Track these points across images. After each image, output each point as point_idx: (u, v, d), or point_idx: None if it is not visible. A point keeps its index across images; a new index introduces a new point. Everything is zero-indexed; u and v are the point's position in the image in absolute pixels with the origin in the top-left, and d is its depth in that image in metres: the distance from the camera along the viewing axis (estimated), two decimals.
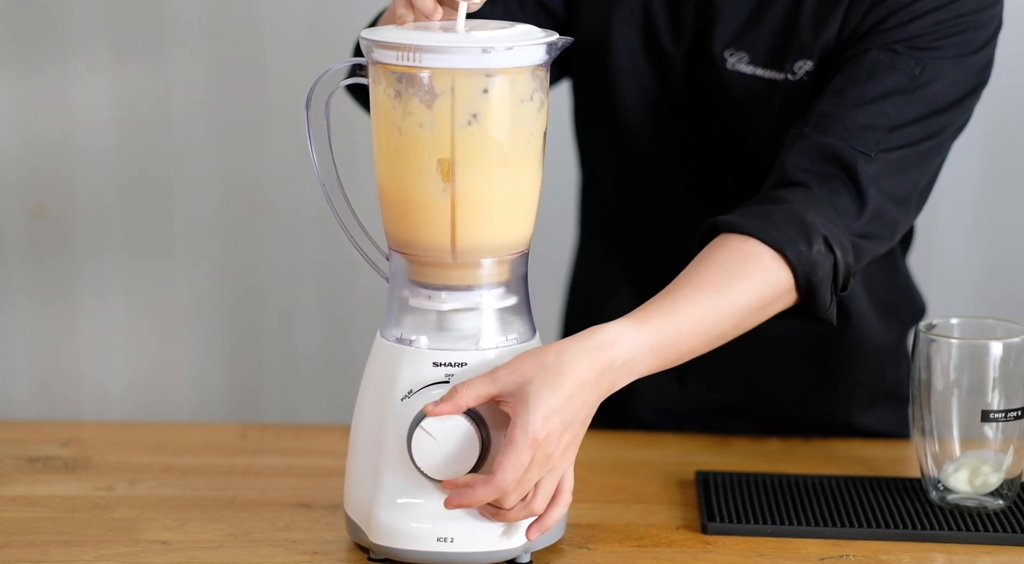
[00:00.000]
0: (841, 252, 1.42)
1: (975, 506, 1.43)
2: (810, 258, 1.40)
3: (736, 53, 1.57)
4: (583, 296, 1.80)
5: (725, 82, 1.58)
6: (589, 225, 1.77)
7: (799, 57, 1.55)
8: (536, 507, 1.29)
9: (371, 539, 1.32)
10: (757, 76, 1.57)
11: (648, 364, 1.34)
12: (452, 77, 1.27)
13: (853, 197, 1.45)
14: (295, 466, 1.55)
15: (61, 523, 1.42)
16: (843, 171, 1.46)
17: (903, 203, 1.49)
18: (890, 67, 1.48)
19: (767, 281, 1.40)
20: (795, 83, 1.56)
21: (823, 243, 1.41)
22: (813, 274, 1.41)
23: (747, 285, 1.39)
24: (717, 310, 1.37)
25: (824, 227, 1.41)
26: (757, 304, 1.40)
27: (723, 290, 1.38)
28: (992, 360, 1.40)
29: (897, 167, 1.48)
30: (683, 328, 1.35)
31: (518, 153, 1.30)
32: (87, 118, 2.43)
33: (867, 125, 1.47)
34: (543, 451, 1.27)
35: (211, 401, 2.54)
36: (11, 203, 2.46)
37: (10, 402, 2.53)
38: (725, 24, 1.58)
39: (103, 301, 2.49)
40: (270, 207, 2.46)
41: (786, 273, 1.40)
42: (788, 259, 1.40)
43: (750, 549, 1.37)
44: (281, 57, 2.40)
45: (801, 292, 1.42)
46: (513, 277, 1.34)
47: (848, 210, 1.45)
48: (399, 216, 1.32)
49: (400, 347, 1.32)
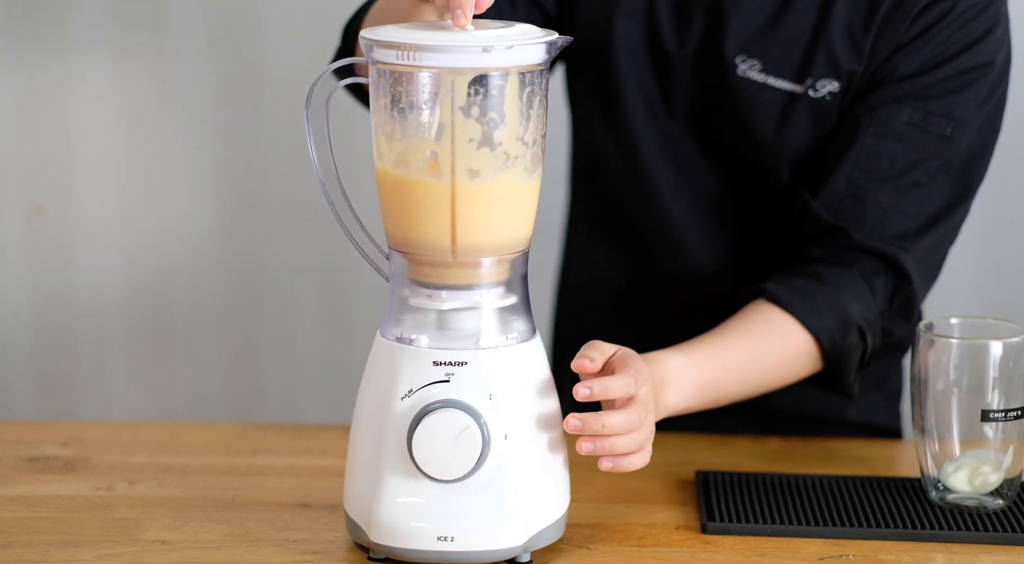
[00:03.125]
0: (872, 339, 1.52)
1: (975, 506, 1.43)
2: (844, 348, 1.50)
3: (749, 60, 1.57)
4: (577, 295, 1.80)
5: (733, 88, 1.58)
6: (584, 222, 1.77)
7: (825, 76, 1.55)
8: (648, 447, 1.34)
9: (371, 538, 1.32)
10: (768, 85, 1.57)
11: (690, 395, 1.43)
12: (452, 76, 1.27)
13: (892, 281, 1.54)
14: (295, 466, 1.55)
15: (61, 523, 1.41)
16: (887, 265, 1.54)
17: (933, 275, 1.59)
18: (921, 128, 1.53)
19: (800, 352, 1.51)
20: (816, 101, 1.56)
21: (858, 334, 1.51)
22: (844, 361, 1.51)
23: (782, 349, 1.50)
24: (755, 361, 1.48)
25: (862, 317, 1.51)
26: (786, 373, 1.51)
27: (762, 345, 1.49)
28: (992, 360, 1.40)
29: (933, 247, 1.56)
30: (721, 374, 1.45)
31: (518, 152, 1.30)
32: (87, 118, 2.43)
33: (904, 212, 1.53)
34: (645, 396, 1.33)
35: (211, 401, 2.54)
36: (11, 203, 2.46)
37: (10, 402, 2.53)
38: (737, 28, 1.57)
39: (103, 301, 2.49)
40: (270, 207, 2.46)
41: (818, 355, 1.51)
42: (823, 346, 1.50)
43: (750, 549, 1.37)
44: (281, 57, 2.40)
45: (828, 372, 1.53)
46: (513, 276, 1.34)
47: (885, 293, 1.53)
48: (399, 215, 1.32)
49: (400, 346, 1.32)
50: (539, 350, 1.35)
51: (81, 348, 2.52)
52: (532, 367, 1.33)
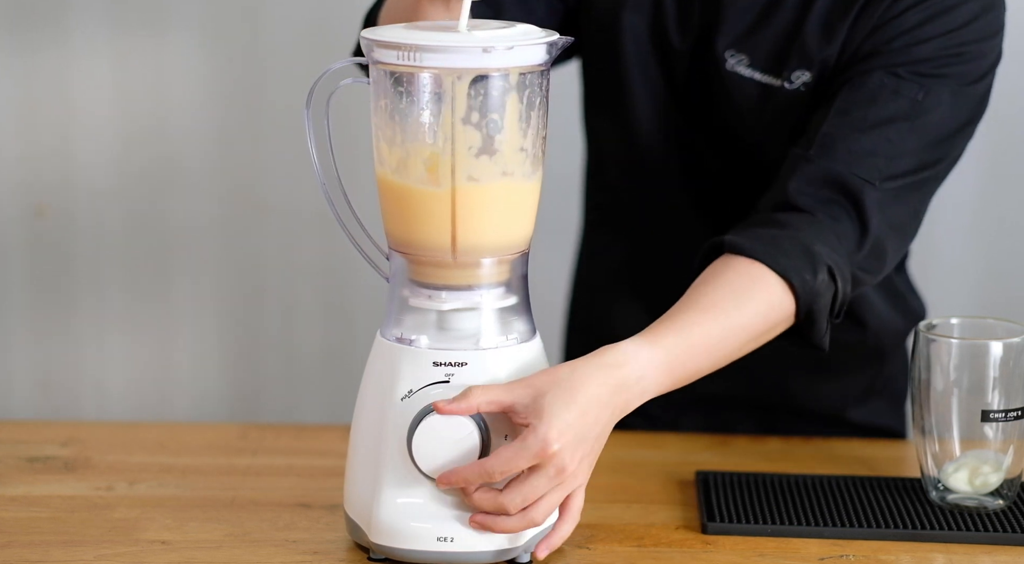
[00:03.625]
0: (842, 282, 1.45)
1: (975, 506, 1.43)
2: (814, 288, 1.43)
3: (737, 55, 1.58)
4: (587, 284, 1.80)
5: (724, 82, 1.59)
6: (593, 212, 1.78)
7: (798, 66, 1.56)
8: (535, 516, 1.28)
9: (371, 539, 1.32)
10: (755, 80, 1.58)
11: (660, 382, 1.35)
12: (452, 76, 1.27)
13: (855, 225, 1.48)
14: (295, 466, 1.55)
15: (61, 523, 1.41)
16: (847, 199, 1.48)
17: (902, 232, 1.51)
18: (894, 92, 1.49)
19: (771, 305, 1.42)
20: (791, 92, 1.57)
21: (827, 273, 1.44)
22: (815, 303, 1.43)
23: (752, 308, 1.41)
24: (724, 330, 1.39)
25: (829, 257, 1.44)
26: (761, 327, 1.42)
27: (730, 312, 1.40)
28: (992, 360, 1.40)
29: (898, 196, 1.50)
30: (693, 347, 1.37)
31: (518, 153, 1.30)
32: (87, 118, 2.43)
33: (871, 152, 1.48)
34: (555, 464, 1.26)
35: (211, 401, 2.54)
36: (11, 203, 2.46)
37: (10, 402, 2.53)
38: (730, 25, 1.58)
39: (103, 301, 2.49)
40: (270, 207, 2.46)
41: (789, 299, 1.43)
42: (793, 287, 1.42)
43: (750, 549, 1.37)
44: (282, 56, 2.40)
45: (799, 319, 1.45)
46: (513, 277, 1.34)
47: (849, 238, 1.47)
48: (399, 216, 1.32)
49: (400, 347, 1.32)
50: (539, 350, 1.35)
51: (81, 348, 2.52)
52: (532, 367, 1.33)
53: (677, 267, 1.65)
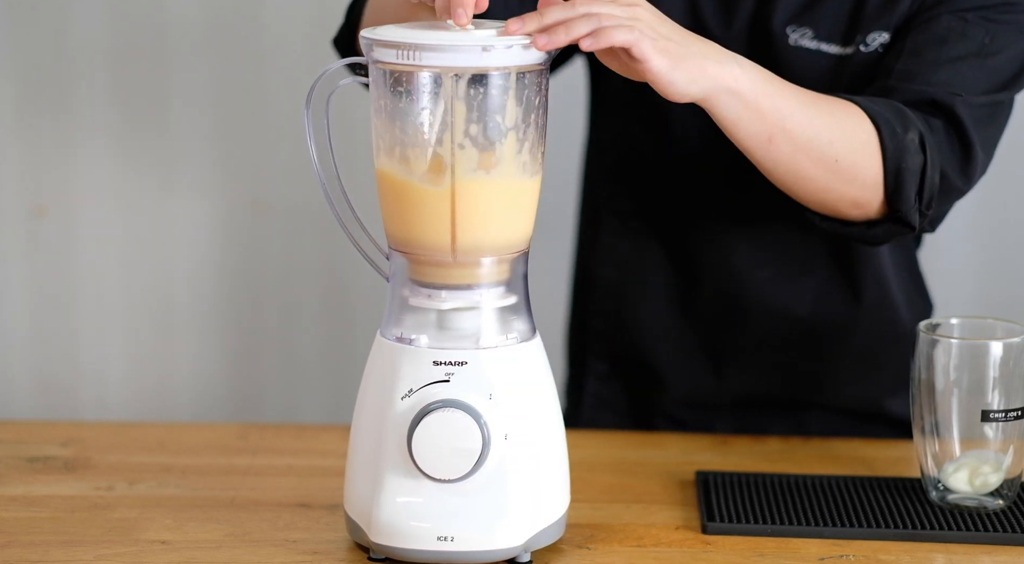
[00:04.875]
0: (931, 160, 1.46)
1: (975, 506, 1.43)
2: (902, 141, 1.44)
3: (799, 29, 1.57)
4: (608, 289, 1.76)
5: (786, 58, 1.58)
6: (614, 218, 1.74)
7: (872, 29, 1.56)
8: None
9: (371, 538, 1.32)
10: (822, 51, 1.58)
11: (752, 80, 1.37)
12: (452, 75, 1.27)
13: (948, 129, 1.49)
14: (295, 466, 1.55)
15: (61, 523, 1.42)
16: (940, 110, 1.49)
17: (987, 151, 1.53)
18: (962, 34, 1.52)
19: (860, 135, 1.43)
20: (868, 55, 1.56)
21: (918, 137, 1.45)
22: (902, 160, 1.44)
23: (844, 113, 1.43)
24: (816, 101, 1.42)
25: (923, 128, 1.46)
26: (847, 144, 1.42)
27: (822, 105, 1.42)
28: (992, 360, 1.40)
29: (980, 118, 1.51)
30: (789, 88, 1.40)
31: (518, 152, 1.30)
32: (87, 118, 2.43)
33: (947, 82, 1.50)
34: None
35: (211, 401, 2.54)
36: (11, 203, 2.46)
37: (10, 402, 2.53)
38: (786, 3, 1.58)
39: (103, 301, 2.49)
40: (270, 207, 2.46)
41: (875, 141, 1.44)
42: (881, 136, 1.43)
43: (750, 549, 1.37)
44: (281, 56, 2.40)
45: (888, 181, 1.44)
46: (513, 276, 1.34)
47: (941, 133, 1.49)
48: (399, 215, 1.32)
49: (400, 346, 1.32)
50: (539, 350, 1.35)
51: (81, 348, 2.52)
52: (532, 367, 1.33)
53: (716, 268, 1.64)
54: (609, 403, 1.77)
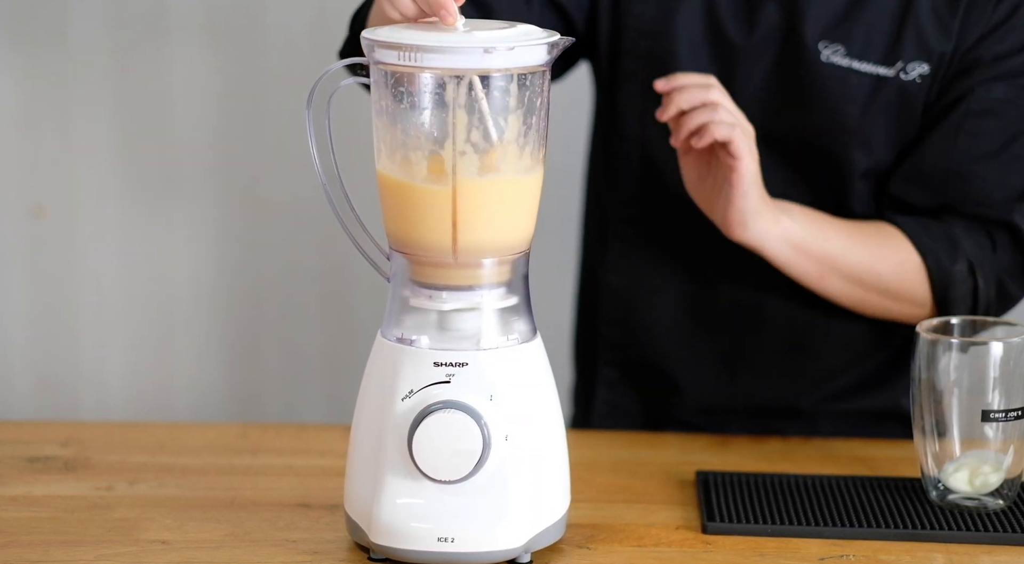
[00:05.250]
0: (983, 281, 1.49)
1: (975, 506, 1.43)
2: (950, 274, 1.48)
3: (831, 45, 1.55)
4: (619, 296, 1.74)
5: (816, 74, 1.56)
6: (626, 225, 1.72)
7: (915, 58, 1.54)
8: None
9: (371, 539, 1.32)
10: (854, 69, 1.56)
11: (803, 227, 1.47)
12: (453, 77, 1.27)
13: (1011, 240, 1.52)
14: (295, 466, 1.55)
15: (61, 523, 1.42)
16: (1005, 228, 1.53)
17: None
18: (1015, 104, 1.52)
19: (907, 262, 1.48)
20: (905, 83, 1.55)
21: (967, 266, 1.48)
22: (949, 289, 1.48)
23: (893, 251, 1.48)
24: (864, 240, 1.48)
25: (973, 254, 1.48)
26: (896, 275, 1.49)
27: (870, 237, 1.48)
28: (992, 360, 1.40)
29: None
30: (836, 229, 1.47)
31: (519, 153, 1.30)
32: (87, 118, 2.43)
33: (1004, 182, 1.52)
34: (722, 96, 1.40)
35: (211, 401, 2.54)
36: (11, 203, 2.46)
37: (10, 402, 2.53)
38: (816, 14, 1.56)
39: (103, 301, 2.49)
40: (270, 207, 2.46)
41: (924, 275, 1.49)
42: (928, 266, 1.48)
43: (750, 549, 1.37)
44: (282, 56, 2.40)
45: (937, 303, 1.49)
46: (514, 277, 1.34)
47: (1004, 245, 1.51)
48: (400, 216, 1.32)
49: (401, 347, 1.32)
50: (540, 351, 1.35)
51: (81, 348, 2.52)
52: (533, 368, 1.33)
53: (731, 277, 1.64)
54: (622, 409, 1.76)
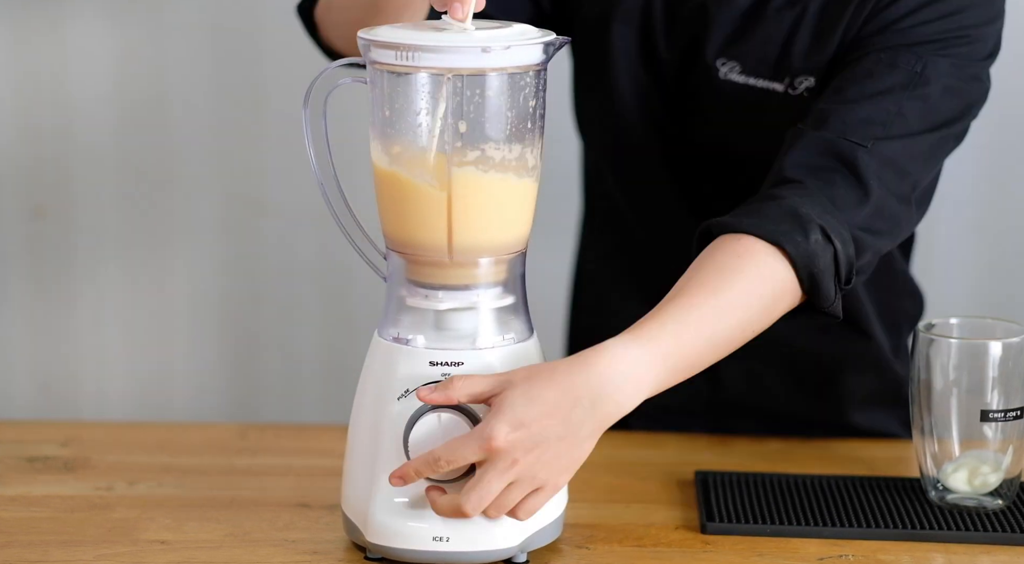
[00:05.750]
0: (840, 243, 1.39)
1: (974, 506, 1.43)
2: (808, 249, 1.37)
3: (728, 62, 1.57)
4: (591, 284, 1.78)
5: (717, 91, 1.57)
6: (596, 217, 1.76)
7: (800, 73, 1.54)
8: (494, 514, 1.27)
9: (368, 538, 1.32)
10: (750, 86, 1.57)
11: (653, 378, 1.30)
12: (450, 77, 1.27)
13: (854, 189, 1.43)
14: (295, 466, 1.55)
15: (61, 523, 1.42)
16: (842, 164, 1.43)
17: (904, 200, 1.46)
18: (890, 65, 1.47)
19: (764, 276, 1.37)
20: (795, 97, 1.55)
21: (820, 233, 1.38)
22: (813, 265, 1.38)
23: (744, 282, 1.36)
24: (717, 312, 1.34)
25: (820, 218, 1.39)
26: (758, 302, 1.37)
27: (720, 290, 1.34)
28: (992, 360, 1.40)
29: (896, 161, 1.45)
30: (684, 336, 1.32)
31: (515, 153, 1.30)
32: (87, 118, 2.43)
33: (866, 119, 1.45)
34: (503, 458, 1.24)
35: (211, 401, 2.54)
36: (11, 203, 2.46)
37: (10, 402, 2.53)
38: (718, 32, 1.57)
39: (103, 301, 2.49)
40: (269, 207, 2.46)
41: (785, 267, 1.37)
42: (786, 252, 1.37)
43: (749, 549, 1.37)
44: (280, 56, 2.40)
45: (804, 286, 1.39)
46: (510, 276, 1.34)
47: (848, 202, 1.42)
48: (396, 215, 1.32)
49: (397, 346, 1.32)
50: (536, 350, 1.35)
51: (81, 348, 2.52)
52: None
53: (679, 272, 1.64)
54: None
